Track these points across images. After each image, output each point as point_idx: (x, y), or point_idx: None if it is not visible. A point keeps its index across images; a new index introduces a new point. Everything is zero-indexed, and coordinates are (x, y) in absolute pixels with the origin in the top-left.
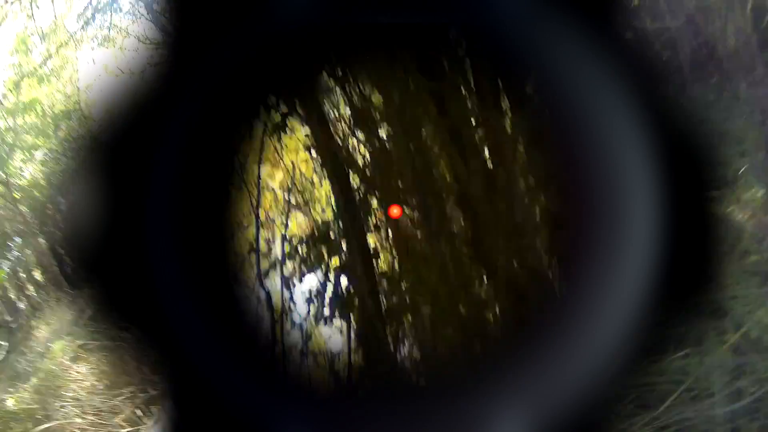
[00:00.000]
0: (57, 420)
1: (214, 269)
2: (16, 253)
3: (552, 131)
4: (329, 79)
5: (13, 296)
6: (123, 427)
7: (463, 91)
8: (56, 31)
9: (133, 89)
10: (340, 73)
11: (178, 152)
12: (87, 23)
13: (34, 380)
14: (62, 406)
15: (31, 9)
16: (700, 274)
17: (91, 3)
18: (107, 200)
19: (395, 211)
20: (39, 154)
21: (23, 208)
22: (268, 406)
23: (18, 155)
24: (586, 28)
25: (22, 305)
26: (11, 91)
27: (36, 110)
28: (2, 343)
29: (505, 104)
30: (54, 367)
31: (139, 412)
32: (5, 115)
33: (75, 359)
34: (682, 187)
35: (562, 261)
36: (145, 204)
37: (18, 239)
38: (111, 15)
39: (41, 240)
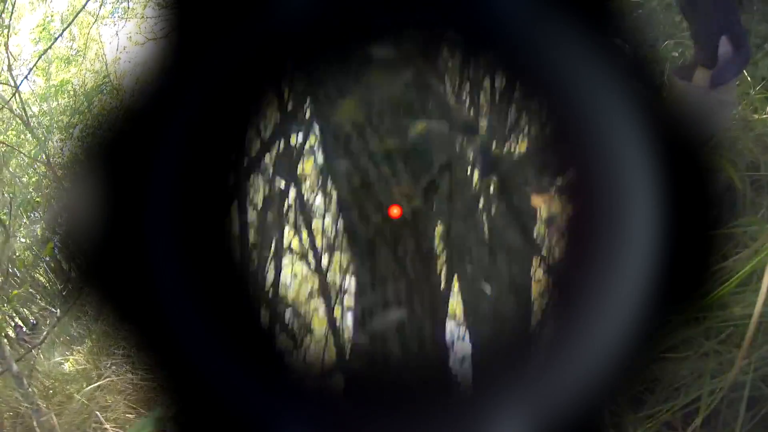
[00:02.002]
0: (109, 377)
1: (214, 269)
2: (66, 227)
3: (552, 131)
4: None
5: (65, 266)
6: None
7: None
8: (74, 12)
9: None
10: (340, 73)
11: (178, 152)
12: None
13: (87, 342)
14: (114, 364)
15: None
16: (700, 274)
17: None
18: (107, 200)
19: (395, 211)
20: (76, 131)
21: (67, 184)
22: (268, 406)
23: (56, 135)
24: (585, 28)
25: (74, 274)
26: (42, 77)
27: (68, 91)
28: (54, 309)
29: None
30: (107, 328)
31: None
32: (39, 101)
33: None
34: (682, 187)
35: (561, 261)
36: (145, 204)
37: (66, 215)
38: None
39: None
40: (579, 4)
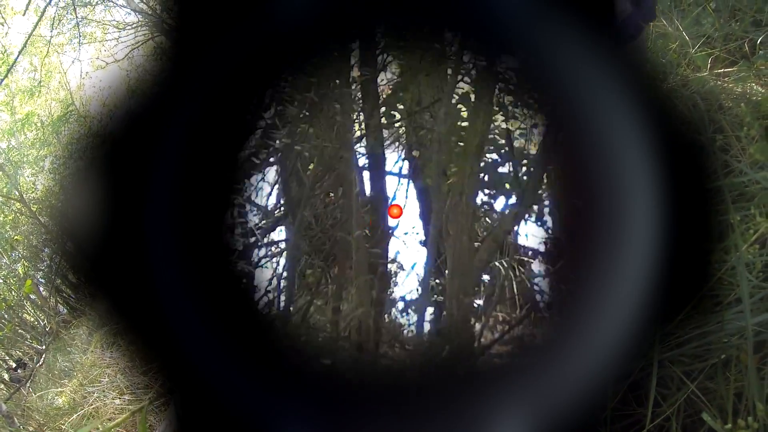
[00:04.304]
0: (94, 405)
1: (214, 269)
2: (48, 262)
3: (552, 132)
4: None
5: (52, 302)
6: (155, 401)
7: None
8: (30, 42)
9: (129, 82)
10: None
11: (178, 152)
12: (58, 22)
13: (76, 374)
14: (102, 391)
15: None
16: (700, 274)
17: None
18: (107, 200)
19: (395, 211)
20: (47, 164)
21: (44, 219)
22: (268, 406)
23: (27, 170)
24: (585, 28)
25: (62, 309)
26: (6, 111)
27: (35, 123)
28: (39, 347)
29: (505, 105)
30: (93, 359)
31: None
32: (6, 136)
33: (109, 345)
34: (681, 187)
35: (561, 261)
36: (145, 204)
37: (46, 249)
38: (75, 8)
39: (68, 243)
40: (579, 4)
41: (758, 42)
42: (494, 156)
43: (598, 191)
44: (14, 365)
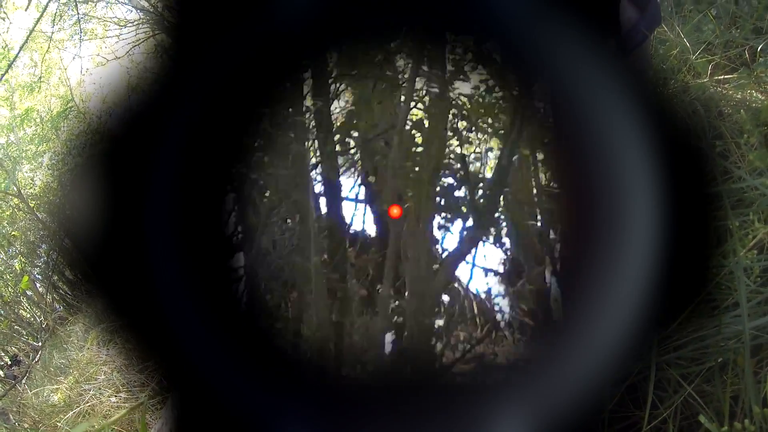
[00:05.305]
0: (90, 403)
1: (214, 269)
2: (45, 258)
3: (553, 132)
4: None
5: (48, 298)
6: (151, 398)
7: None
8: (31, 38)
9: (129, 79)
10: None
11: (177, 150)
12: (60, 18)
13: (72, 371)
14: (98, 389)
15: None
16: (699, 278)
17: None
18: (106, 198)
19: (395, 211)
20: (45, 160)
21: (41, 215)
22: (268, 406)
23: (26, 165)
24: (586, 29)
25: (58, 305)
26: (6, 107)
27: (34, 119)
28: (35, 344)
29: (459, 130)
30: (89, 356)
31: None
32: (5, 132)
33: (106, 342)
34: (681, 191)
35: (561, 261)
36: (143, 202)
37: (44, 246)
38: (76, 4)
39: (66, 240)
40: (579, 4)
41: (759, 49)
42: (450, 180)
43: (599, 195)
44: (10, 362)
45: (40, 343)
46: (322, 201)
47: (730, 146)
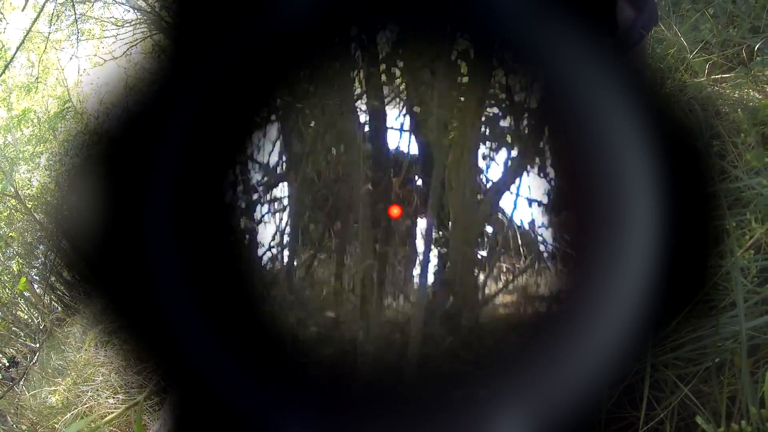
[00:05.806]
0: (88, 404)
1: (214, 269)
2: (42, 259)
3: (552, 131)
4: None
5: (46, 300)
6: (148, 398)
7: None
8: (28, 38)
9: (126, 79)
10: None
11: (176, 151)
12: (57, 18)
13: (70, 373)
14: (96, 390)
15: None
16: (697, 278)
17: None
18: (103, 198)
19: (395, 211)
20: (43, 160)
21: (39, 216)
22: (268, 406)
23: (23, 166)
24: (585, 28)
25: (56, 307)
26: (3, 108)
27: (31, 120)
28: (33, 345)
29: (505, 60)
30: (87, 357)
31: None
32: (2, 132)
33: (103, 344)
34: (679, 191)
35: (561, 261)
36: (142, 203)
37: (41, 247)
38: (74, 4)
39: (64, 241)
40: (578, 5)
41: (756, 48)
42: (495, 110)
43: (597, 195)
44: (7, 363)
45: (37, 345)
46: (367, 130)
47: (727, 145)
